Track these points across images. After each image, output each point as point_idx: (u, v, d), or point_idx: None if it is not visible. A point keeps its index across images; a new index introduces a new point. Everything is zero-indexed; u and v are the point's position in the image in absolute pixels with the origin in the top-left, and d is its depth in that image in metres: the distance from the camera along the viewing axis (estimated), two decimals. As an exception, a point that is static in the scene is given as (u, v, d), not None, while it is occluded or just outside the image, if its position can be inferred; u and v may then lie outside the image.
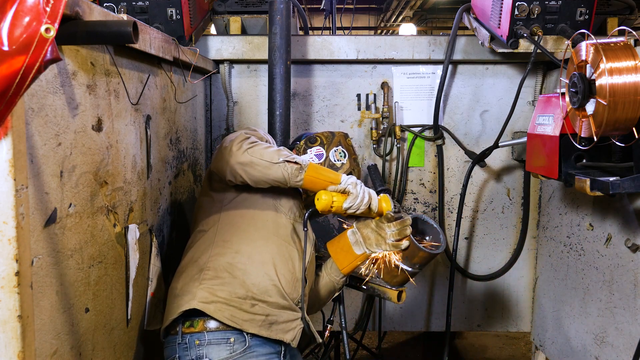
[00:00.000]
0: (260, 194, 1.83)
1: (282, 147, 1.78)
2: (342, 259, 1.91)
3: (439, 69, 2.74)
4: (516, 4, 2.27)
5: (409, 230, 1.80)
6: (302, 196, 1.96)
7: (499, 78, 2.79)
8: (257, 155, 1.68)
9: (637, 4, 2.66)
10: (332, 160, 1.97)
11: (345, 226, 1.94)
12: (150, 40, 1.65)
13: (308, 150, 1.99)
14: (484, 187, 2.86)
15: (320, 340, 1.90)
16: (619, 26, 2.21)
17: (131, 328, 1.68)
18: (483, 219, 2.89)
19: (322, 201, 1.71)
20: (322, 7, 4.08)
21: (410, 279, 1.90)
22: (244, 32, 2.78)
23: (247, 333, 1.68)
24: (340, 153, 1.99)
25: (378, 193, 1.84)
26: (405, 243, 1.79)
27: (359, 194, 1.74)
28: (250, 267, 1.72)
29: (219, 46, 2.68)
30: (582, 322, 2.28)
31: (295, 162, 1.70)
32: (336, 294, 2.07)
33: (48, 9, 0.86)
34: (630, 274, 1.94)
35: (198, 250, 1.78)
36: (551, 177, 1.95)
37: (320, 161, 1.96)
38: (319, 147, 1.99)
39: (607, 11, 2.61)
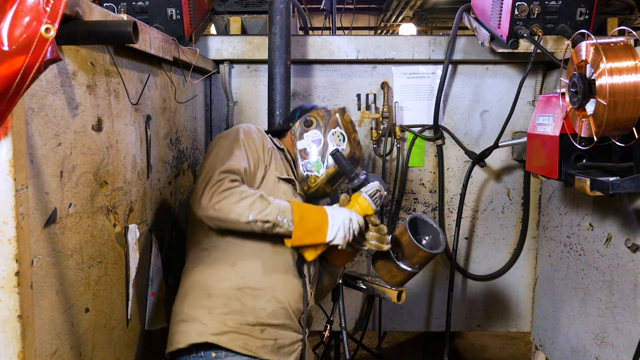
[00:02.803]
0: None
1: (260, 193, 1.61)
2: (336, 256, 1.90)
3: (439, 69, 2.74)
4: (516, 4, 2.27)
5: (387, 238, 1.75)
6: (304, 198, 1.95)
7: (499, 78, 2.79)
8: (225, 212, 1.56)
9: (637, 4, 2.66)
10: (331, 146, 1.85)
11: None
12: (150, 40, 1.65)
13: (304, 135, 1.86)
14: (484, 187, 2.86)
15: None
16: (619, 26, 2.22)
17: (131, 328, 1.68)
18: (483, 219, 2.88)
19: (310, 255, 1.68)
20: (322, 7, 4.08)
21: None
22: (244, 32, 2.78)
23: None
24: (338, 136, 1.84)
25: (353, 190, 1.74)
26: (386, 247, 1.75)
27: (344, 237, 1.65)
28: (258, 292, 1.69)
29: (219, 46, 2.68)
30: (582, 322, 2.28)
31: (267, 221, 1.58)
32: (338, 281, 2.04)
33: (48, 9, 0.86)
34: (630, 274, 1.94)
35: (203, 272, 1.71)
36: (551, 177, 1.95)
37: (319, 147, 1.84)
38: (315, 131, 1.85)
39: (607, 11, 2.61)
